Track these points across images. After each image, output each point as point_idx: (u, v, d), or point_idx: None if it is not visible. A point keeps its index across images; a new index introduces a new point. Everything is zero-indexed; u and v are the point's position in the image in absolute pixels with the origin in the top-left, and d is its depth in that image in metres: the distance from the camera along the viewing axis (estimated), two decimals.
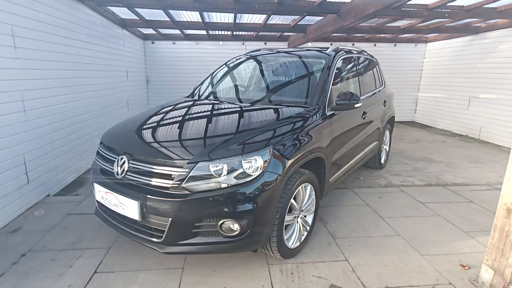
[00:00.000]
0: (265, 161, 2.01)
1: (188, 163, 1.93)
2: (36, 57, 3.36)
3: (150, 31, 7.73)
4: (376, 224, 3.06)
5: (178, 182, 1.92)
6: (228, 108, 2.81)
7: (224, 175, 1.94)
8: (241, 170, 1.96)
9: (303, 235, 2.56)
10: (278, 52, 3.60)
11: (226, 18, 6.21)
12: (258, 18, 6.26)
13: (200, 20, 6.15)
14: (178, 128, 2.37)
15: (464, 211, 3.36)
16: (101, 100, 5.20)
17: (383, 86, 4.53)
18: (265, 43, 8.75)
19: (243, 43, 8.66)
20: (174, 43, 8.42)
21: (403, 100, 9.43)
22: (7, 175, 2.95)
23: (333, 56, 3.13)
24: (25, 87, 3.17)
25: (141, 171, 2.05)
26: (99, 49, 5.13)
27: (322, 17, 5.70)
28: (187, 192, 1.91)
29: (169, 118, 2.58)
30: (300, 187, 2.34)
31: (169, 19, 6.14)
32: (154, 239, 2.02)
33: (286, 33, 7.94)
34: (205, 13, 5.82)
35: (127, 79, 6.74)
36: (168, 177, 1.96)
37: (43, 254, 2.48)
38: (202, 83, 3.66)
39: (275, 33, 8.08)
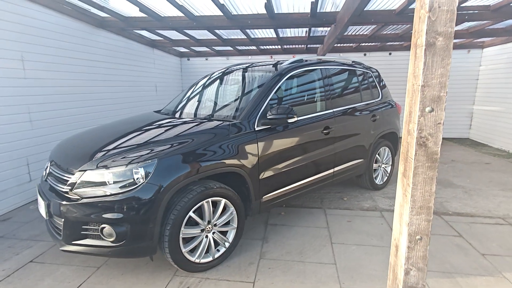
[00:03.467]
0: (148, 173, 2.09)
1: (78, 171, 2.14)
2: (46, 77, 4.05)
3: (184, 49, 8.44)
4: (319, 249, 2.80)
5: (70, 187, 2.14)
6: (152, 123, 2.93)
7: (109, 184, 2.09)
8: (125, 180, 2.08)
9: (219, 250, 2.52)
10: (237, 68, 3.62)
11: (240, 34, 6.43)
12: (269, 33, 6.33)
13: (216, 37, 6.50)
14: (91, 139, 2.60)
15: (440, 246, 2.83)
16: (123, 112, 5.89)
17: (377, 99, 4.13)
18: (294, 56, 8.69)
19: (271, 56, 8.78)
20: (206, 59, 9.01)
21: (455, 114, 8.27)
22: (9, 173, 3.60)
23: (280, 71, 3.03)
24: (31, 101, 3.85)
25: (54, 176, 2.34)
26: (122, 67, 5.86)
27: (329, 28, 5.49)
28: (77, 197, 2.12)
29: (100, 132, 2.83)
30: (205, 201, 2.33)
31: (188, 38, 6.65)
32: (57, 236, 2.26)
33: (312, 45, 7.79)
34: (218, 31, 6.14)
35: (156, 93, 7.47)
36: (65, 182, 2.20)
37: (7, 241, 2.96)
38: (175, 98, 3.90)
39: (301, 46, 8.02)
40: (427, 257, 1.50)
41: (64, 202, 2.13)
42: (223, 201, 2.46)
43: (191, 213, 2.27)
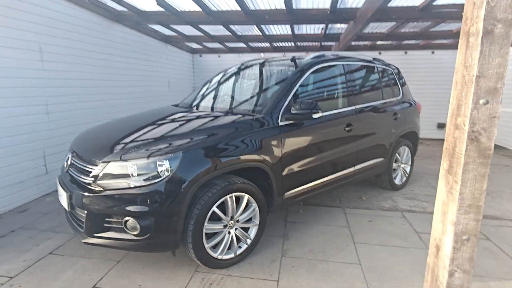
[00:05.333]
0: (173, 166, 2.04)
1: (102, 162, 2.10)
2: (64, 69, 4.04)
3: (197, 45, 8.40)
4: (342, 248, 2.73)
5: (93, 179, 2.10)
6: (176, 115, 2.89)
7: (133, 176, 2.04)
8: (149, 173, 2.04)
9: (241, 247, 2.46)
10: (258, 62, 3.56)
11: (256, 30, 6.37)
12: (285, 29, 6.25)
13: (230, 34, 6.44)
14: (115, 133, 2.55)
15: None
16: (137, 107, 5.87)
17: (398, 97, 4.03)
18: (307, 53, 8.60)
19: (284, 54, 8.69)
20: (219, 56, 8.96)
21: None
22: (26, 165, 3.59)
23: (303, 65, 2.96)
24: (49, 93, 3.84)
25: (76, 167, 2.30)
26: (137, 62, 5.84)
27: (347, 24, 5.38)
28: (101, 189, 2.08)
29: (120, 125, 2.78)
30: (228, 196, 2.28)
31: (203, 34, 6.61)
32: (79, 229, 2.23)
33: (326, 43, 7.69)
34: (233, 27, 6.08)
35: (168, 89, 7.45)
36: (89, 173, 2.16)
37: (27, 232, 2.95)
38: (193, 92, 3.86)
39: (315, 43, 7.92)
40: (474, 259, 1.42)
41: (87, 194, 2.09)
42: (246, 196, 2.40)
43: (214, 208, 2.22)
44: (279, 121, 2.61)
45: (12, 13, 3.32)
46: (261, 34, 6.53)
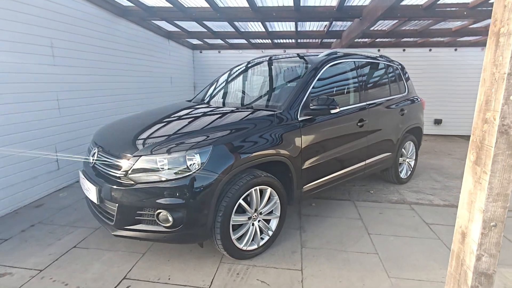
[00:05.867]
0: (203, 160, 2.10)
1: (133, 156, 2.15)
2: (73, 64, 4.03)
3: (198, 41, 8.39)
4: (358, 239, 2.84)
5: (124, 173, 2.15)
6: (198, 110, 2.94)
7: (164, 169, 2.10)
8: (180, 166, 2.09)
9: (263, 238, 2.54)
10: (272, 58, 3.63)
11: (258, 26, 6.41)
12: (288, 26, 6.31)
13: (234, 30, 6.47)
14: (142, 127, 2.60)
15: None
16: (141, 103, 5.87)
17: (404, 94, 4.15)
18: (307, 50, 8.69)
19: (285, 51, 8.75)
20: (219, 52, 8.96)
21: (465, 111, 8.31)
22: (38, 161, 3.59)
23: (319, 61, 3.04)
24: (60, 88, 3.83)
25: (104, 161, 2.34)
26: (141, 57, 5.83)
27: (351, 22, 5.48)
28: (132, 182, 2.12)
29: (143, 119, 2.83)
30: (253, 189, 2.35)
31: (206, 30, 6.61)
32: (108, 222, 2.27)
33: (327, 40, 7.78)
34: (237, 23, 6.11)
35: (171, 85, 7.44)
36: (119, 167, 2.20)
37: (47, 226, 2.97)
38: (204, 88, 3.90)
39: (316, 40, 7.99)
40: (501, 244, 1.53)
41: (118, 188, 2.14)
42: (269, 189, 2.48)
43: (241, 201, 2.29)
44: (298, 116, 2.69)
45: (25, 8, 3.30)
46: (264, 30, 6.58)
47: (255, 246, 2.48)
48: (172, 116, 2.78)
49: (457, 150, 6.66)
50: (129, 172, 2.13)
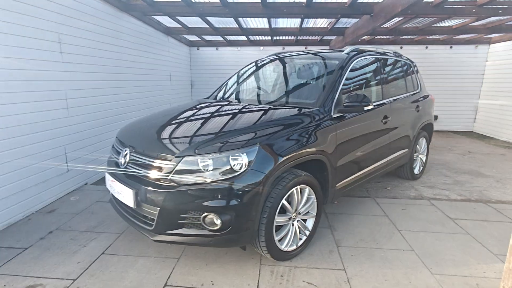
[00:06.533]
0: (250, 159, 2.02)
1: (176, 157, 2.04)
2: (81, 61, 3.83)
3: (195, 38, 8.20)
4: (390, 236, 2.83)
5: (166, 174, 2.03)
6: (233, 108, 2.87)
7: (209, 170, 2.00)
8: (226, 167, 2.00)
9: (301, 239, 2.49)
10: (296, 54, 3.58)
11: (261, 23, 6.33)
12: (293, 23, 6.26)
13: (237, 26, 6.36)
14: (176, 126, 2.50)
15: (501, 231, 2.94)
16: (144, 101, 5.69)
17: (417, 90, 4.19)
18: (306, 47, 8.67)
19: (284, 48, 8.69)
20: (217, 49, 8.81)
21: (460, 108, 8.54)
22: (48, 163, 3.39)
23: (348, 57, 3.01)
24: (68, 87, 3.63)
25: (139, 162, 2.22)
26: (143, 54, 5.63)
27: (358, 19, 5.48)
28: (175, 184, 2.02)
29: (174, 117, 2.72)
30: (294, 189, 2.29)
31: (208, 26, 6.47)
32: (146, 226, 2.15)
33: (327, 37, 7.79)
34: (241, 19, 6.01)
35: (170, 82, 7.25)
36: (159, 169, 2.09)
37: (66, 233, 2.80)
38: (221, 86, 3.79)
39: (315, 37, 7.98)
40: None
41: (160, 190, 2.02)
42: (307, 189, 2.42)
43: (283, 201, 2.23)
44: (332, 113, 2.65)
45: (32, 0, 3.09)
46: (268, 27, 6.50)
47: (294, 247, 2.43)
48: (203, 114, 2.68)
49: (456, 146, 6.82)
50: (172, 173, 2.02)
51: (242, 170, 2.00)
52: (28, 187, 3.14)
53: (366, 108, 2.70)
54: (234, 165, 2.01)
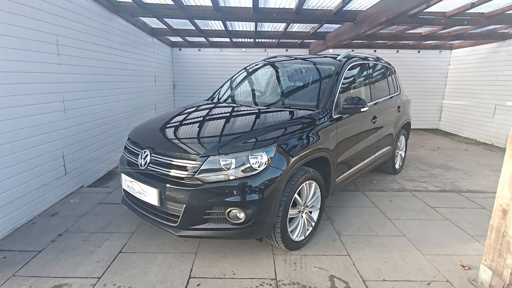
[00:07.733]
0: (270, 157, 2.22)
1: (200, 157, 2.19)
2: (76, 63, 3.80)
3: (178, 38, 8.20)
4: (383, 225, 3.15)
5: (192, 173, 2.18)
6: (242, 110, 3.05)
7: (232, 169, 2.17)
8: (247, 165, 2.19)
9: (308, 229, 2.73)
10: (293, 58, 3.82)
11: (248, 26, 6.51)
12: (278, 26, 6.51)
13: (223, 28, 6.49)
14: (195, 127, 2.64)
15: (474, 216, 3.37)
16: (131, 103, 5.65)
17: (398, 92, 4.60)
18: (286, 50, 8.99)
19: (265, 50, 8.94)
20: (199, 50, 8.86)
21: (427, 107, 9.28)
22: (48, 166, 3.36)
23: (343, 63, 3.30)
24: (65, 89, 3.60)
25: (161, 163, 2.33)
26: (130, 56, 5.60)
27: (340, 25, 5.85)
28: (199, 183, 2.17)
29: (188, 118, 2.86)
30: (304, 184, 2.52)
31: (194, 28, 6.54)
32: (170, 223, 2.28)
33: (307, 40, 8.13)
34: (227, 22, 6.15)
35: (155, 84, 7.22)
36: (183, 168, 2.22)
37: (77, 235, 2.83)
38: (220, 88, 3.94)
39: (296, 40, 8.29)
40: None
41: (186, 189, 2.16)
42: (314, 183, 2.66)
43: (296, 195, 2.45)
44: (332, 114, 2.91)
45: (30, 1, 3.05)
46: (253, 30, 6.70)
47: (303, 237, 2.66)
48: (214, 115, 2.84)
49: (427, 142, 7.44)
50: (197, 172, 2.16)
51: (263, 167, 2.19)
52: (30, 191, 3.10)
53: (362, 110, 2.98)
54: (254, 163, 2.20)
